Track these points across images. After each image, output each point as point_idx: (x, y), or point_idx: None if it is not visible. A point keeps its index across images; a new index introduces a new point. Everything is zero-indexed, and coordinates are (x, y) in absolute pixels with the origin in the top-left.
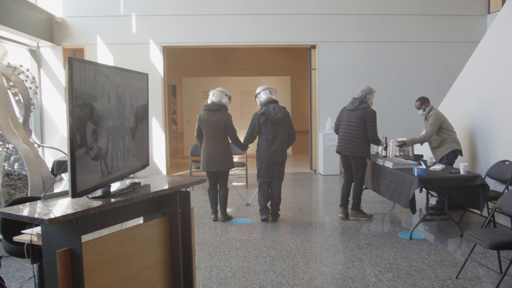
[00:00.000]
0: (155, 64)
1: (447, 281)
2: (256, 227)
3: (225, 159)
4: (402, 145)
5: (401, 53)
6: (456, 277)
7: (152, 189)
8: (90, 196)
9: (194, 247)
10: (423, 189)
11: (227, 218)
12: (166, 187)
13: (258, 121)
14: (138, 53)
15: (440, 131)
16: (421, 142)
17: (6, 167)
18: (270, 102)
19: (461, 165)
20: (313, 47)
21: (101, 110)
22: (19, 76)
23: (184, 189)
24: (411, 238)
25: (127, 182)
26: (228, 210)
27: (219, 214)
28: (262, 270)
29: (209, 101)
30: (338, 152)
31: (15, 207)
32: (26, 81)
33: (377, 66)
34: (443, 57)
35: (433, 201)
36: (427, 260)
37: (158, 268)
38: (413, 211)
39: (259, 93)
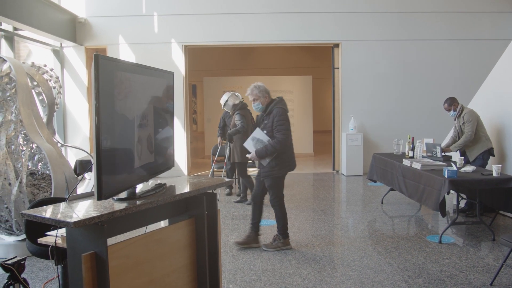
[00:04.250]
0: (176, 63)
1: (482, 287)
2: None
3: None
4: (447, 151)
5: (426, 51)
6: (491, 284)
7: (178, 191)
8: (115, 197)
9: (220, 250)
10: (451, 191)
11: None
12: (193, 189)
13: None
14: (160, 53)
15: (476, 129)
16: (465, 143)
17: (30, 167)
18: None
19: (494, 166)
20: (337, 45)
21: (128, 110)
22: (43, 75)
23: (210, 191)
24: (440, 242)
25: (150, 183)
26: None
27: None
28: (288, 273)
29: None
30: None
31: (40, 208)
32: (50, 80)
33: (402, 65)
34: (470, 56)
35: (461, 203)
36: (459, 265)
37: (184, 272)
38: (443, 214)
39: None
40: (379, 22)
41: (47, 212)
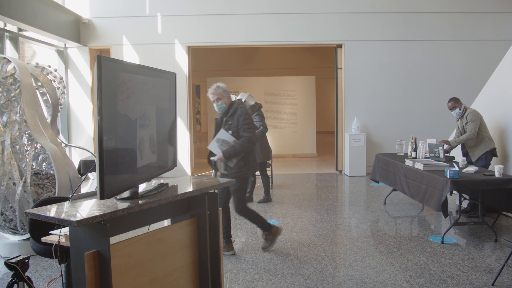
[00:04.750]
0: (180, 64)
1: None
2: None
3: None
4: (448, 149)
5: (429, 52)
6: (492, 284)
7: (180, 191)
8: (118, 197)
9: (222, 249)
10: (454, 191)
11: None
12: (195, 188)
13: None
14: (163, 53)
15: (478, 129)
16: (466, 141)
17: (34, 167)
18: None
19: (496, 167)
20: (340, 46)
21: (130, 110)
22: (47, 76)
23: (212, 191)
24: (442, 242)
25: (153, 182)
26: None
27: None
28: (290, 273)
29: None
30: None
31: (44, 207)
32: (54, 81)
33: (405, 66)
34: (474, 56)
35: (463, 204)
36: (461, 266)
37: (186, 271)
38: (445, 214)
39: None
40: (382, 23)
41: (51, 211)
